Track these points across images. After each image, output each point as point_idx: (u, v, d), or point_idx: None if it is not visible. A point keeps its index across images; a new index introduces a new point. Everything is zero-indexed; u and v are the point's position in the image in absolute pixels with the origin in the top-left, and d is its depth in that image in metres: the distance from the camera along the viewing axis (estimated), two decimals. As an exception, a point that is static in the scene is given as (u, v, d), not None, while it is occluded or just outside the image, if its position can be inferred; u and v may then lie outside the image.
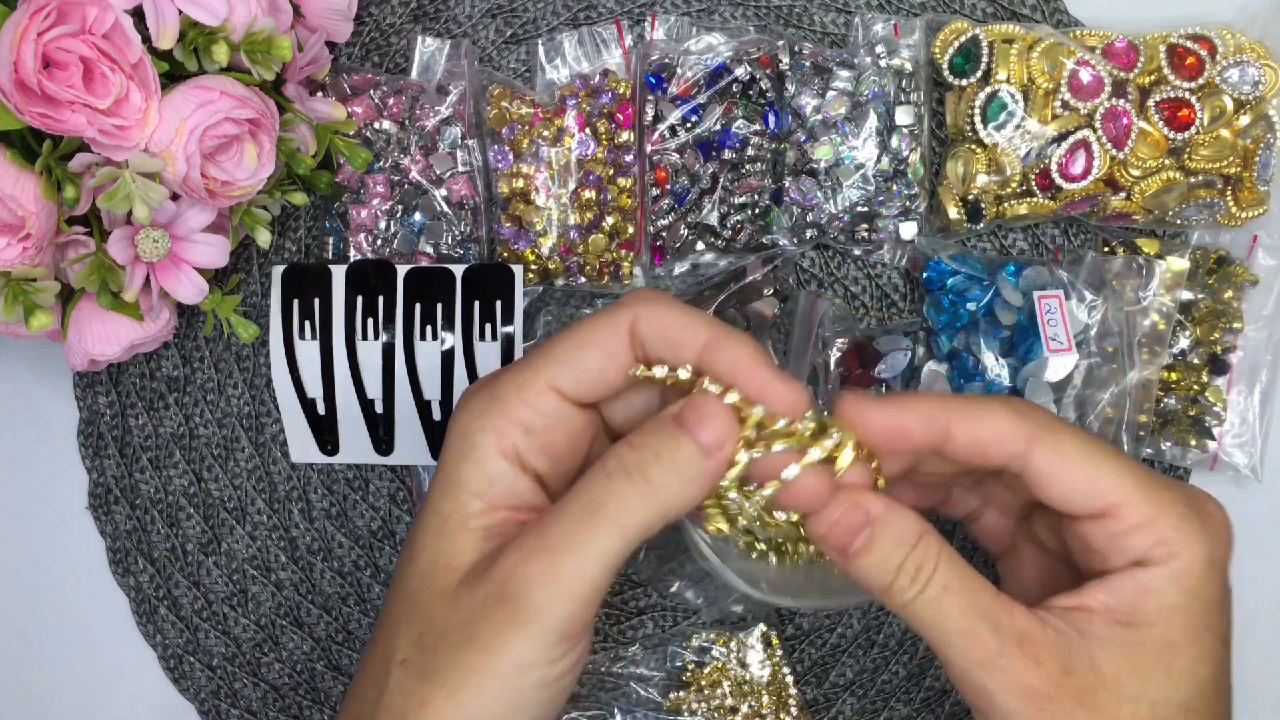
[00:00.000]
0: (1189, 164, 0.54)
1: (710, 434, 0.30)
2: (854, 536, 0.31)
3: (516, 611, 0.28)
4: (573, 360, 0.31)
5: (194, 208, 0.49)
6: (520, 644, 0.28)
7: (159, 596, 0.59)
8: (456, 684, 0.28)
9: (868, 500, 0.32)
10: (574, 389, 0.32)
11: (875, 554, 0.31)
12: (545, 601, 0.28)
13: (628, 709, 0.57)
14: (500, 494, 0.31)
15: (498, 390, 0.32)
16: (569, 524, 0.29)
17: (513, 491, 0.31)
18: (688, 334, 0.31)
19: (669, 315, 0.31)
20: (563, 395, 0.31)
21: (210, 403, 0.59)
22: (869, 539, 0.31)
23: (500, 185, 0.56)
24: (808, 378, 0.55)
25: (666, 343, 0.31)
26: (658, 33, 0.57)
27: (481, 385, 0.33)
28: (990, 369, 0.53)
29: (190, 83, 0.46)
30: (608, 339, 0.31)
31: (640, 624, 0.59)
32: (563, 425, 0.32)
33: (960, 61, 0.55)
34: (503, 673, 0.28)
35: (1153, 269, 0.55)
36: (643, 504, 0.29)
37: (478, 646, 0.29)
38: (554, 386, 0.31)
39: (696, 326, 0.31)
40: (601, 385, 0.32)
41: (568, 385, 0.31)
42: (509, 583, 0.29)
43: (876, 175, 0.55)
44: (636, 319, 0.31)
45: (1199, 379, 0.56)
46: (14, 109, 0.43)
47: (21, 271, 0.45)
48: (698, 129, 0.54)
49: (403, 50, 0.58)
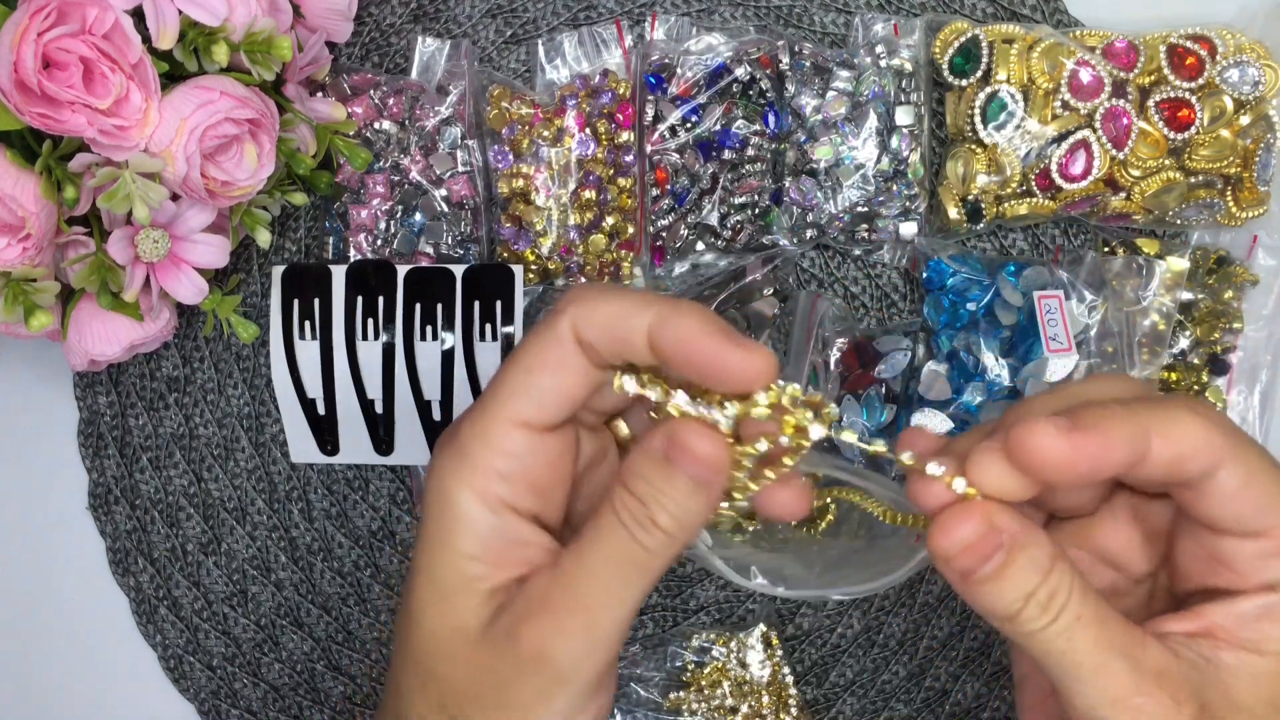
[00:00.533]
0: (1189, 164, 0.54)
1: (699, 468, 0.28)
2: (985, 562, 0.28)
3: (556, 674, 0.28)
4: (526, 389, 0.29)
5: (194, 208, 0.49)
6: (559, 702, 0.28)
7: (159, 597, 0.59)
8: None
9: (1002, 519, 0.28)
10: (538, 417, 0.29)
11: (1007, 581, 0.28)
12: (581, 660, 0.28)
13: (628, 709, 0.57)
14: (498, 550, 0.29)
15: (461, 442, 0.30)
16: (594, 580, 0.28)
17: (511, 542, 0.30)
18: (629, 323, 0.28)
19: (603, 309, 0.28)
20: (529, 427, 0.29)
21: (210, 403, 0.59)
22: (1002, 565, 0.28)
23: (500, 185, 0.56)
24: (807, 377, 0.55)
25: (612, 339, 0.28)
26: (658, 33, 0.57)
27: (447, 438, 0.31)
28: (990, 369, 0.53)
29: (190, 83, 0.46)
30: (553, 354, 0.29)
31: (640, 624, 0.59)
32: (540, 457, 0.30)
33: (960, 61, 0.55)
34: None
35: (1153, 269, 0.55)
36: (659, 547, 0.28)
37: (516, 709, 0.28)
38: (516, 422, 0.29)
39: (635, 312, 0.28)
40: (566, 401, 0.30)
41: (530, 416, 0.29)
42: (545, 645, 0.28)
43: (876, 175, 0.55)
44: (575, 324, 0.29)
45: (1199, 379, 0.56)
46: (14, 109, 0.43)
47: (21, 272, 0.45)
48: (698, 129, 0.54)
49: (403, 50, 0.58)
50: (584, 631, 0.28)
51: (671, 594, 0.59)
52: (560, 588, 0.28)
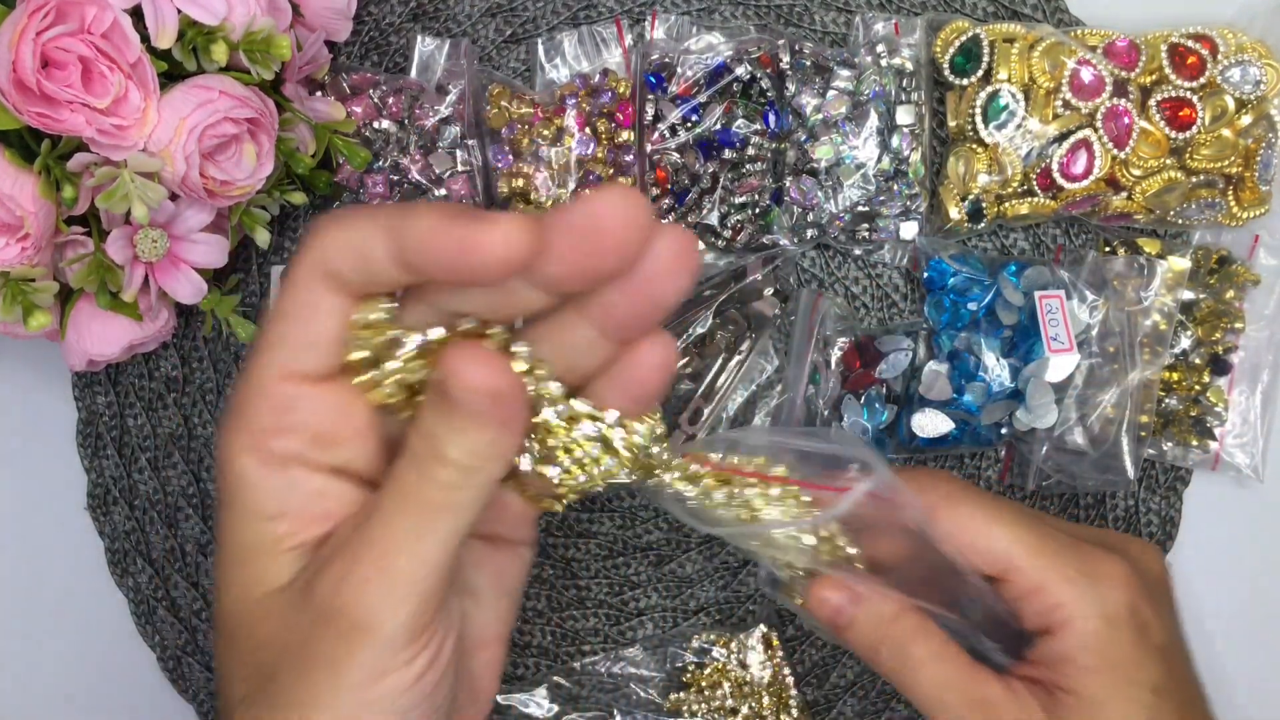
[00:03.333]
0: (1190, 163, 0.54)
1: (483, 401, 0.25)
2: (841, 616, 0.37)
3: (353, 623, 0.26)
4: (284, 337, 0.27)
5: (193, 207, 0.49)
6: (364, 655, 0.26)
7: (158, 597, 0.59)
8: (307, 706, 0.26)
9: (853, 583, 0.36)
10: (307, 365, 0.27)
11: (859, 630, 0.37)
12: (379, 608, 0.26)
13: (628, 710, 0.57)
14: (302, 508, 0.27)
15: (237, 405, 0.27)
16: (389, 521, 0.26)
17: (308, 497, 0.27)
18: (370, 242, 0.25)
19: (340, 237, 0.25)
20: (300, 377, 0.27)
21: (209, 403, 0.59)
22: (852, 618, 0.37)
23: (500, 185, 0.56)
24: (808, 377, 0.55)
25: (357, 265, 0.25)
26: (658, 32, 0.57)
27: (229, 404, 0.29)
28: (991, 369, 0.53)
29: (189, 82, 0.46)
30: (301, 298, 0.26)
31: (640, 625, 0.58)
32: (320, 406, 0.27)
33: (961, 61, 0.55)
34: (353, 685, 0.26)
35: (1154, 269, 0.55)
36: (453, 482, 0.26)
37: (321, 664, 0.26)
38: (283, 375, 0.27)
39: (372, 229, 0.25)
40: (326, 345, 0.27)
41: (298, 365, 0.27)
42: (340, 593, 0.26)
43: (877, 175, 0.55)
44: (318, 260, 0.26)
45: (1200, 379, 0.56)
46: (13, 109, 0.42)
47: (20, 271, 0.45)
48: (698, 128, 0.54)
49: (402, 49, 0.58)
50: (379, 576, 0.26)
51: (671, 594, 0.58)
52: (356, 535, 0.26)
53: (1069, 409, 0.53)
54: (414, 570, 0.26)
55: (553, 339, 0.27)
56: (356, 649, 0.26)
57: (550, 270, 0.24)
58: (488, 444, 0.25)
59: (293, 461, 0.27)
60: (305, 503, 0.27)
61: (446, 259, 0.24)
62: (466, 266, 0.24)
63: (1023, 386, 0.53)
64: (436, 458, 0.25)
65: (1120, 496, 0.58)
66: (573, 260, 0.24)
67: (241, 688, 0.28)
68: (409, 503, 0.26)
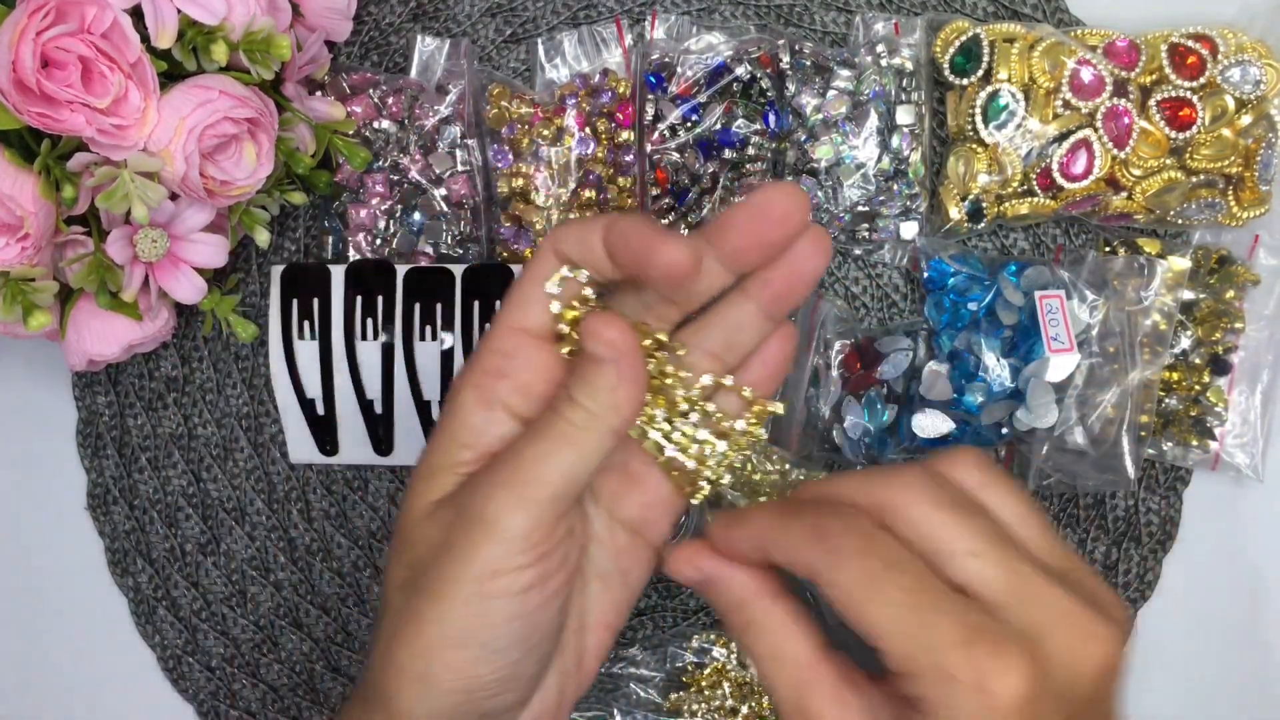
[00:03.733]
0: (1190, 163, 0.54)
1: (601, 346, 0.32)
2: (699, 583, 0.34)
3: (482, 519, 0.31)
4: (522, 299, 0.34)
5: (193, 207, 0.49)
6: (487, 549, 0.31)
7: (158, 597, 0.59)
8: (438, 591, 0.32)
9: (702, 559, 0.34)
10: (530, 323, 0.34)
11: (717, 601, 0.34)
12: (503, 509, 0.31)
13: (627, 710, 0.57)
14: (490, 442, 0.34)
15: (478, 347, 0.35)
16: (523, 449, 0.32)
17: (500, 438, 0.34)
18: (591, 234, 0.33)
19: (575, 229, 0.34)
20: (524, 331, 0.34)
21: (209, 403, 0.59)
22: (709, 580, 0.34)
23: (500, 185, 0.56)
24: (809, 379, 0.55)
25: (581, 250, 0.34)
26: (658, 32, 0.57)
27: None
28: (991, 369, 0.53)
29: (189, 82, 0.46)
30: (538, 266, 0.34)
31: (640, 624, 0.58)
32: (532, 362, 0.34)
33: (961, 61, 0.55)
34: (475, 576, 0.31)
35: (1154, 269, 0.54)
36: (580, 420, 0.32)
37: (454, 555, 0.32)
38: (512, 328, 0.34)
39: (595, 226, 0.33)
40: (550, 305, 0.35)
41: (523, 322, 0.34)
42: (476, 497, 0.32)
43: (877, 175, 0.55)
44: (557, 244, 0.34)
45: (1200, 379, 0.56)
46: (13, 108, 0.42)
47: (20, 271, 0.45)
48: (698, 128, 0.54)
49: (402, 49, 0.58)
50: (507, 485, 0.32)
51: (671, 595, 0.58)
52: (500, 460, 0.33)
53: (1069, 409, 0.53)
54: (536, 487, 0.32)
55: (720, 318, 0.35)
56: (481, 541, 0.31)
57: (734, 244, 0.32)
58: (609, 390, 0.32)
59: (499, 404, 0.34)
60: (493, 441, 0.34)
61: (635, 257, 0.32)
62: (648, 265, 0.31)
63: (1023, 386, 0.53)
64: (569, 400, 0.32)
65: (1120, 496, 0.58)
66: (751, 232, 0.32)
67: (401, 574, 0.34)
68: (541, 434, 0.32)
